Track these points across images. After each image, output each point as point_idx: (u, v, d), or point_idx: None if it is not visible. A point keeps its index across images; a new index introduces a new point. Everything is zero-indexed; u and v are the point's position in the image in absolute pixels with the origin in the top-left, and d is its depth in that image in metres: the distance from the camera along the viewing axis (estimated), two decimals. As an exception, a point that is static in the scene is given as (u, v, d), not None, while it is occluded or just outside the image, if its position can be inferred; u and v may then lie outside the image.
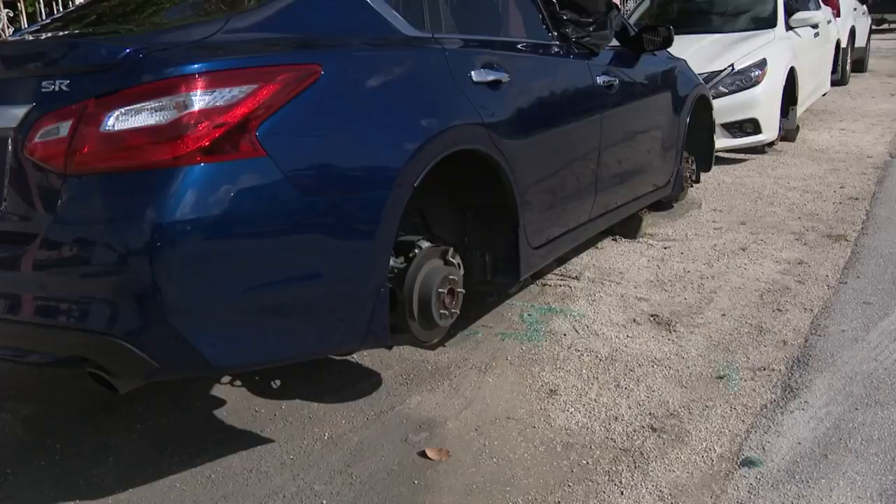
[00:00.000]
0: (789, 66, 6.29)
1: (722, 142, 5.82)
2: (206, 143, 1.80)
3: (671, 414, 2.48)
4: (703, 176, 5.10)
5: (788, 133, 6.73)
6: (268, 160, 1.87)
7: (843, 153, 6.32)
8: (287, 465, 2.29)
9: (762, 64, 6.03)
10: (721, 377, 2.71)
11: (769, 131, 6.07)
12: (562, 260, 3.86)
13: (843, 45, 9.74)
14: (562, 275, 3.76)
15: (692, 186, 4.99)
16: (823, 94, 8.27)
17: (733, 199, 5.07)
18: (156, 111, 1.79)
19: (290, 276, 1.97)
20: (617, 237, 4.29)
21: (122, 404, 2.63)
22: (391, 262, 2.32)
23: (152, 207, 1.75)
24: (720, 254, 4.00)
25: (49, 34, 2.42)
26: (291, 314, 2.01)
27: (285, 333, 2.02)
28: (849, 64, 10.31)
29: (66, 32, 2.47)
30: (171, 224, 1.75)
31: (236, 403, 2.63)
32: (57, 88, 1.87)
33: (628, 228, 4.28)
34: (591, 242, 4.07)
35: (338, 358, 2.87)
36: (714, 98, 5.19)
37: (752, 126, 5.98)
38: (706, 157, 4.95)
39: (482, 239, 2.83)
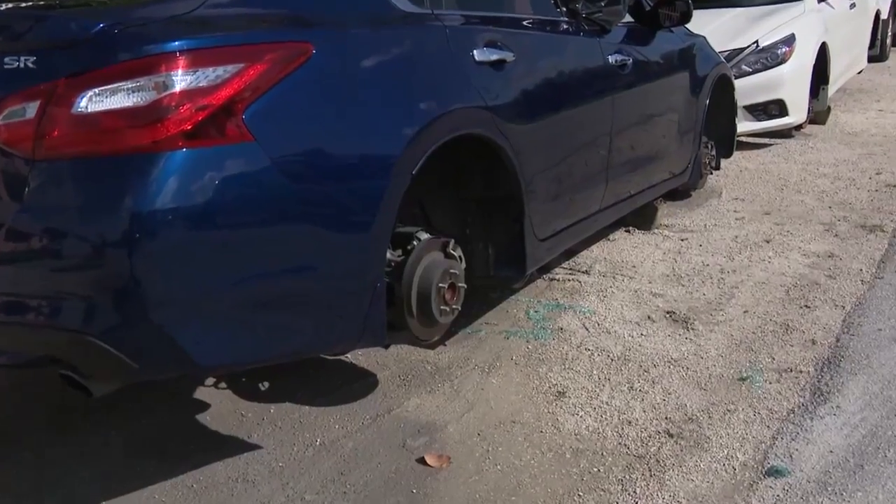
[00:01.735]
0: (820, 42, 6.27)
1: (745, 125, 5.84)
2: (189, 127, 1.81)
3: (689, 418, 2.50)
4: (723, 162, 5.12)
5: (818, 115, 6.74)
6: (255, 145, 1.88)
7: (880, 136, 6.33)
8: (276, 472, 2.31)
9: (790, 40, 6.02)
10: (744, 379, 2.73)
11: (797, 113, 6.08)
12: (570, 253, 3.88)
13: (885, 16, 9.62)
14: (570, 269, 3.78)
15: (712, 174, 5.01)
16: (859, 72, 8.23)
17: (757, 187, 5.09)
18: (133, 92, 1.80)
19: (279, 270, 1.99)
20: (630, 228, 4.31)
21: (98, 409, 2.65)
22: (388, 255, 2.33)
23: (130, 196, 1.76)
24: (742, 246, 4.03)
25: (12, 5, 2.42)
26: (281, 310, 2.03)
27: (275, 331, 2.04)
28: (889, 37, 10.19)
29: (32, 4, 2.48)
30: (150, 213, 1.76)
31: (221, 407, 2.66)
32: (22, 66, 1.86)
33: (642, 219, 4.30)
34: (601, 234, 4.09)
35: (331, 358, 2.89)
36: (736, 78, 5.19)
37: (777, 108, 6.00)
38: (727, 142, 4.97)
39: (485, 230, 2.85)
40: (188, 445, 2.46)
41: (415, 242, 2.46)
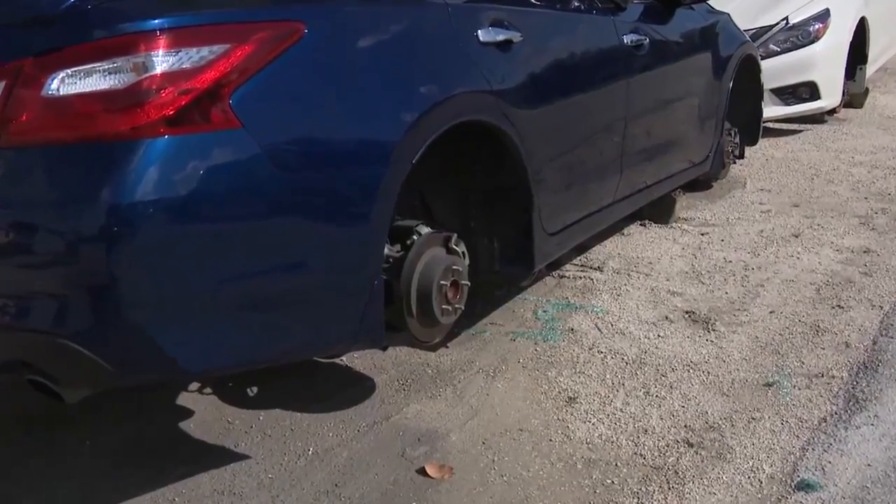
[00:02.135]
0: (858, 17, 6.20)
1: (772, 110, 5.82)
2: (171, 113, 1.81)
3: (710, 426, 2.51)
4: (748, 150, 5.12)
5: (854, 98, 6.70)
6: (243, 132, 1.88)
7: (925, 121, 6.29)
8: (265, 485, 2.32)
9: (824, 15, 5.97)
10: (770, 384, 2.74)
11: (830, 96, 6.04)
12: (582, 248, 3.89)
13: None
14: (582, 265, 3.79)
15: (735, 163, 5.01)
16: None
17: (785, 177, 5.09)
18: (109, 73, 1.80)
19: (269, 266, 1.99)
20: (646, 222, 4.32)
21: (71, 416, 2.66)
22: (386, 251, 2.34)
23: (107, 186, 1.76)
24: (768, 241, 4.03)
25: None
26: (271, 310, 2.04)
27: (265, 332, 2.05)
28: None
29: None
30: (130, 206, 1.76)
31: (206, 414, 2.67)
32: None
33: (659, 212, 4.31)
34: (615, 228, 4.10)
35: (325, 361, 2.90)
36: (763, 58, 5.19)
37: (808, 91, 5.96)
38: (752, 129, 4.97)
39: (490, 224, 2.86)
40: (170, 455, 2.47)
41: (415, 237, 2.46)
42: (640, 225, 4.29)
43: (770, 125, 5.92)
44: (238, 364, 2.12)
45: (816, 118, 6.29)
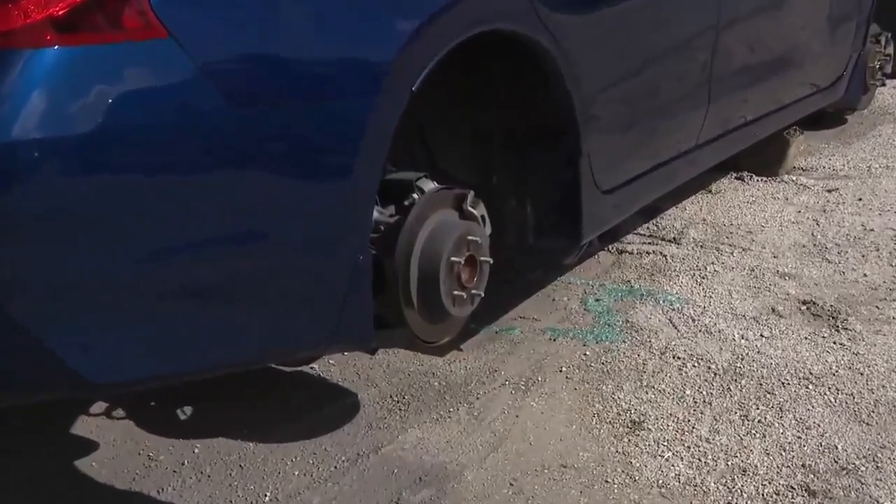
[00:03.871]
0: None
1: None
2: (61, 13, 1.77)
3: (843, 468, 2.50)
4: (904, 69, 5.09)
5: None
6: (170, 44, 1.86)
7: None
8: (204, 543, 2.34)
9: None
10: (932, 409, 2.73)
11: None
12: (651, 211, 3.91)
13: None
14: (651, 236, 3.80)
15: (884, 85, 4.96)
16: None
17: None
18: None
19: (211, 237, 1.98)
20: (745, 174, 4.32)
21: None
22: (375, 214, 2.34)
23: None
24: (927, 201, 4.03)
25: None
26: (214, 297, 2.03)
27: (206, 329, 2.04)
28: None
29: None
30: (4, 148, 1.73)
31: (118, 447, 2.68)
32: None
33: (765, 159, 4.30)
34: (700, 183, 4.10)
35: (289, 369, 2.91)
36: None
37: None
38: None
39: (520, 178, 2.86)
40: None
41: (415, 195, 2.45)
42: (737, 179, 4.29)
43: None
44: (164, 375, 2.10)
45: None
